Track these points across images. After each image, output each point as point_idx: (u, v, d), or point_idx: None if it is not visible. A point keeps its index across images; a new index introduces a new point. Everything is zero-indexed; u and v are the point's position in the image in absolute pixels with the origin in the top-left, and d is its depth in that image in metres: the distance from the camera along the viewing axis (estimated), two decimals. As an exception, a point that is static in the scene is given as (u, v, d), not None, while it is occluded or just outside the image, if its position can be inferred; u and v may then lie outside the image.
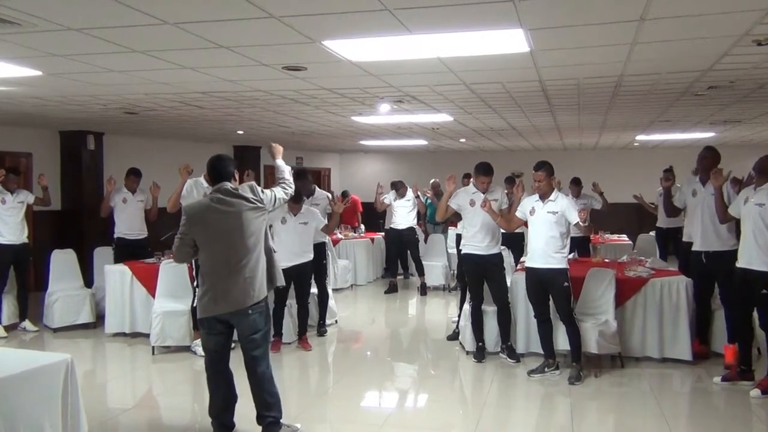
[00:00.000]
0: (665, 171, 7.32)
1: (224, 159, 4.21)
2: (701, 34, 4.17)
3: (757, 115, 8.57)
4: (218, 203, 4.00)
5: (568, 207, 5.40)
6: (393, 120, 9.03)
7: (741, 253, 5.09)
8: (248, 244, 4.00)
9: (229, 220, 3.98)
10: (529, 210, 5.57)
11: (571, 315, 5.46)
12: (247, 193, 4.07)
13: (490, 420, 4.71)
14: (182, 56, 4.72)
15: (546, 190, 5.49)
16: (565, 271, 5.42)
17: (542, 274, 5.45)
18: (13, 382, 3.13)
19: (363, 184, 15.52)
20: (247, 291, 3.99)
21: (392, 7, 3.48)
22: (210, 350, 4.16)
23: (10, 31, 3.90)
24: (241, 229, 3.99)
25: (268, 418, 4.10)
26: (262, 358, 4.11)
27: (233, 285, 3.97)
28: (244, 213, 4.01)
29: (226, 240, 3.98)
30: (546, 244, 5.39)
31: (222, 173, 4.11)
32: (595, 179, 9.49)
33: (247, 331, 4.04)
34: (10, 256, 7.21)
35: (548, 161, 5.56)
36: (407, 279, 10.83)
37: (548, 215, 5.41)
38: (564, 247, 5.42)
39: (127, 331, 6.95)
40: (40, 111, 7.66)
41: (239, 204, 4.01)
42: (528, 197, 5.74)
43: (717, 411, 5.03)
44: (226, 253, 3.98)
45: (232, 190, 4.05)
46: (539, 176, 5.47)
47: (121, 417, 4.84)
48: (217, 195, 4.03)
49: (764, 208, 4.92)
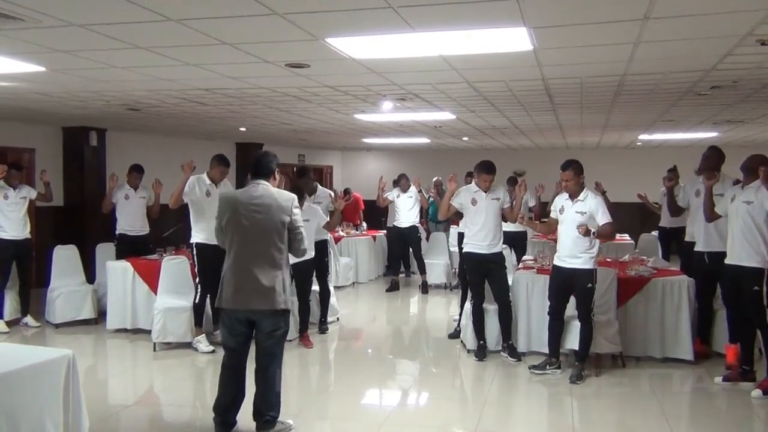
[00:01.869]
0: (669, 171, 7.31)
1: (268, 155, 4.31)
2: (705, 34, 4.16)
3: (761, 115, 8.55)
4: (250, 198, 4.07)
5: (597, 207, 5.33)
6: (395, 118, 9.03)
7: (730, 250, 5.14)
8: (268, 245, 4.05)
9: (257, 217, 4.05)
10: (559, 208, 5.54)
11: (590, 315, 5.39)
12: (282, 200, 4.09)
13: (491, 418, 4.71)
14: (185, 53, 4.72)
15: (574, 190, 5.43)
16: (591, 272, 5.35)
17: (568, 274, 5.40)
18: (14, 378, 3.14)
19: (365, 182, 15.51)
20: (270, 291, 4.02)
21: (396, 5, 3.48)
22: (230, 348, 4.19)
23: (14, 26, 3.90)
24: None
25: (266, 417, 4.11)
26: (278, 356, 4.15)
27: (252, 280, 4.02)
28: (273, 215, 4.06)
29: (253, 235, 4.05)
30: (573, 243, 5.33)
31: (261, 169, 4.17)
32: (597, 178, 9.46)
33: (268, 328, 4.06)
34: (12, 252, 7.21)
35: (576, 160, 5.49)
36: (409, 277, 10.84)
37: (576, 215, 5.35)
38: (592, 247, 5.33)
39: (129, 328, 6.96)
40: (42, 107, 7.66)
41: (268, 205, 4.06)
42: (559, 195, 5.73)
43: (718, 411, 5.03)
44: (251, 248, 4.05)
45: (266, 188, 4.12)
46: (566, 175, 5.43)
47: (123, 413, 4.85)
48: (250, 190, 4.11)
49: (752, 206, 4.98)
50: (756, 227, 4.96)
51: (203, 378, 5.84)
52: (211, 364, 5.99)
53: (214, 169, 6.38)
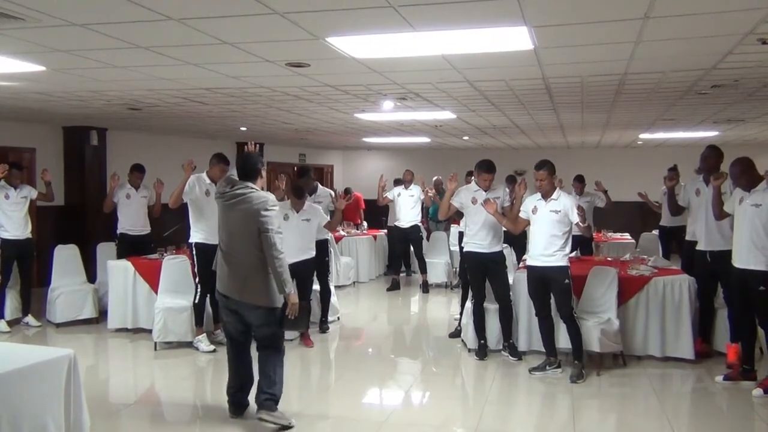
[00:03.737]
0: (669, 170, 7.31)
1: (252, 156, 4.58)
2: (705, 33, 4.16)
3: (761, 114, 8.54)
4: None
5: (571, 206, 5.40)
6: (396, 117, 9.03)
7: (737, 253, 5.12)
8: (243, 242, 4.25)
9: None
10: (531, 209, 5.58)
11: (572, 313, 5.46)
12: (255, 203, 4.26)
13: (492, 417, 4.71)
14: (186, 52, 4.72)
15: (548, 189, 5.50)
16: (566, 269, 5.43)
17: (543, 272, 5.46)
18: (16, 377, 3.14)
19: (366, 182, 15.51)
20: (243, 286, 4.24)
21: (396, 4, 3.48)
22: (228, 335, 4.50)
23: (14, 26, 3.90)
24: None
25: (265, 395, 4.28)
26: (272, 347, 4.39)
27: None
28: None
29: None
30: (547, 242, 5.41)
31: (247, 171, 4.41)
32: (598, 177, 9.48)
33: (255, 321, 4.33)
34: (13, 251, 7.21)
35: (549, 160, 5.57)
36: (409, 276, 10.84)
37: (550, 214, 5.42)
38: (566, 245, 5.43)
39: (130, 327, 6.96)
40: (43, 106, 7.67)
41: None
42: (530, 196, 5.75)
43: (719, 410, 5.03)
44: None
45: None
46: (541, 175, 5.48)
47: (124, 412, 4.85)
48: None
49: (760, 209, 4.96)
50: (764, 230, 4.93)
51: (204, 377, 5.84)
52: (212, 364, 5.99)
53: (213, 168, 6.37)
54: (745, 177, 5.10)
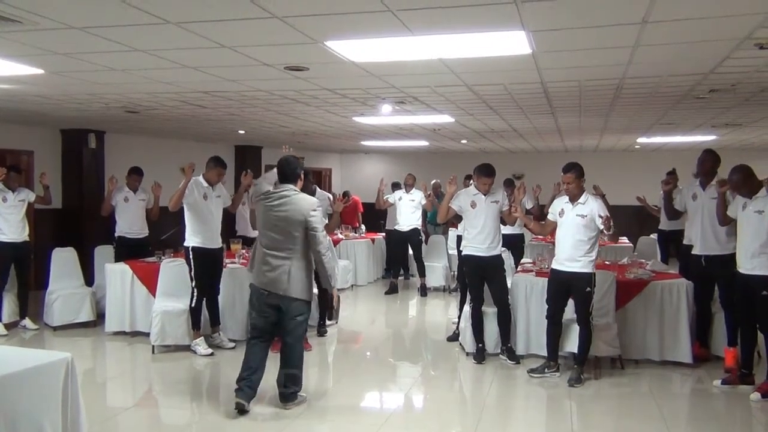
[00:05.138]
0: (668, 174, 7.32)
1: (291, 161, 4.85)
2: (703, 37, 4.17)
3: (759, 119, 8.56)
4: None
5: (598, 210, 5.31)
6: (394, 121, 9.03)
7: (741, 259, 5.11)
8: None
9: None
10: (558, 211, 5.52)
11: (589, 319, 5.39)
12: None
13: (490, 421, 4.71)
14: (184, 56, 4.72)
15: (575, 193, 5.41)
16: (590, 276, 5.34)
17: (566, 277, 5.39)
18: (13, 381, 3.13)
19: (364, 185, 15.51)
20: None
21: (394, 8, 3.48)
22: (260, 330, 4.75)
23: (13, 29, 3.90)
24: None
25: (291, 389, 4.77)
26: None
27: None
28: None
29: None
30: (573, 247, 5.33)
31: (288, 174, 4.74)
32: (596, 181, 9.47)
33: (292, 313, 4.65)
34: (11, 254, 7.20)
35: (578, 162, 5.48)
36: (407, 280, 10.84)
37: (577, 218, 5.35)
38: (591, 250, 5.33)
39: (127, 330, 6.95)
40: (41, 109, 7.66)
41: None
42: (558, 198, 5.71)
43: (717, 414, 5.03)
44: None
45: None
46: (568, 178, 5.41)
47: (121, 416, 4.84)
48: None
49: (763, 215, 4.97)
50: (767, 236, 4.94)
51: (202, 381, 5.83)
52: (210, 367, 5.99)
53: (210, 171, 6.36)
54: (747, 185, 5.10)
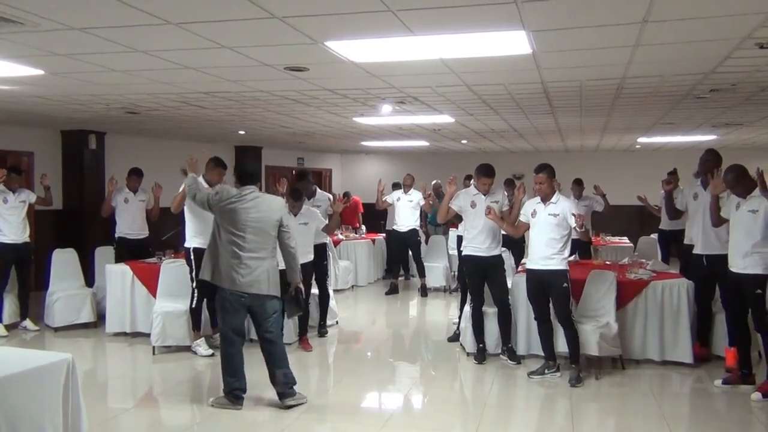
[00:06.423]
0: (669, 174, 7.32)
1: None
2: (704, 37, 4.17)
3: (759, 118, 8.56)
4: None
5: (570, 209, 5.41)
6: (394, 121, 9.03)
7: (734, 258, 5.13)
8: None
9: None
10: (530, 212, 5.58)
11: (570, 317, 5.46)
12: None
13: (491, 421, 4.70)
14: (185, 56, 4.72)
15: (547, 193, 5.50)
16: (564, 272, 5.43)
17: (542, 276, 5.46)
18: (14, 382, 3.13)
19: (364, 185, 15.50)
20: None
21: (395, 8, 3.48)
22: (239, 333, 4.84)
23: (13, 30, 3.91)
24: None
25: (287, 386, 4.82)
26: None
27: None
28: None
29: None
30: (546, 245, 5.41)
31: (252, 175, 4.89)
32: (596, 181, 9.48)
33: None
34: (11, 255, 7.20)
35: (549, 164, 5.58)
36: (408, 280, 10.83)
37: (549, 217, 5.43)
38: (564, 248, 5.43)
39: (128, 331, 6.95)
40: (42, 110, 7.67)
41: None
42: (530, 200, 5.75)
43: (717, 414, 5.02)
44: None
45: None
46: (540, 178, 5.49)
47: (122, 416, 4.84)
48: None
49: (757, 215, 5.00)
50: (761, 235, 4.96)
51: (202, 381, 5.83)
52: (211, 368, 5.98)
53: (211, 172, 6.34)
54: (740, 185, 5.12)
